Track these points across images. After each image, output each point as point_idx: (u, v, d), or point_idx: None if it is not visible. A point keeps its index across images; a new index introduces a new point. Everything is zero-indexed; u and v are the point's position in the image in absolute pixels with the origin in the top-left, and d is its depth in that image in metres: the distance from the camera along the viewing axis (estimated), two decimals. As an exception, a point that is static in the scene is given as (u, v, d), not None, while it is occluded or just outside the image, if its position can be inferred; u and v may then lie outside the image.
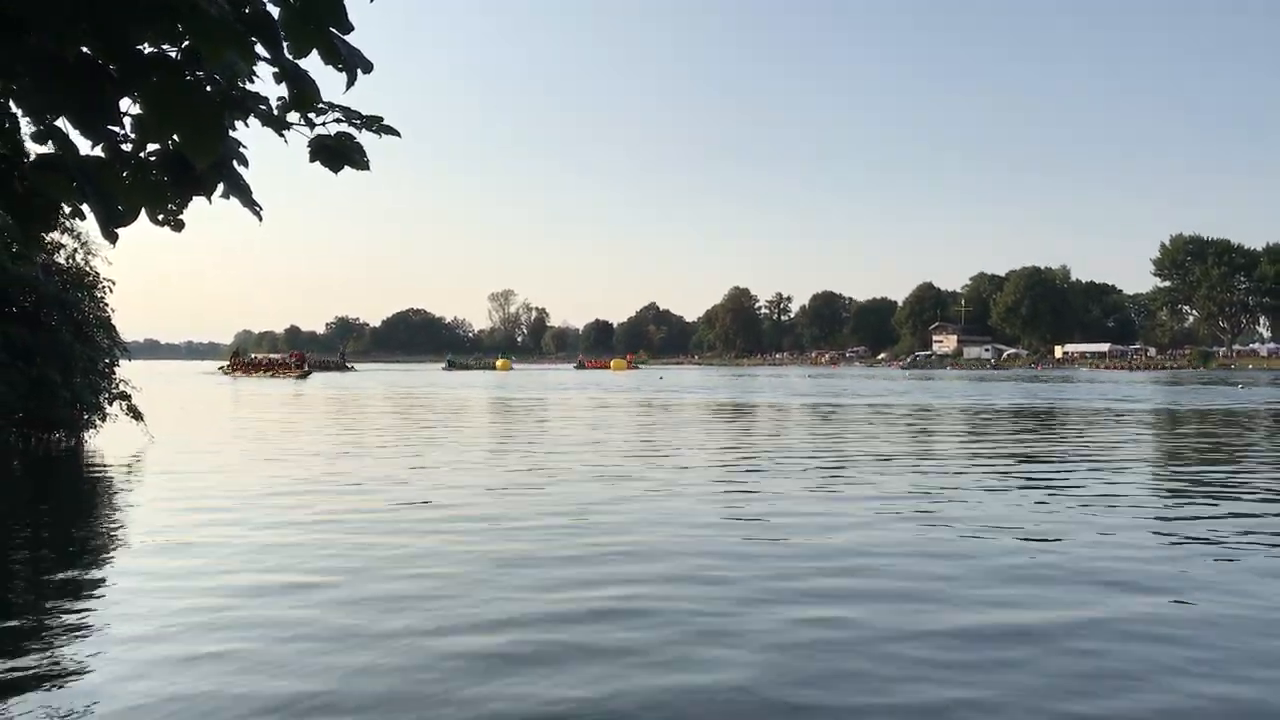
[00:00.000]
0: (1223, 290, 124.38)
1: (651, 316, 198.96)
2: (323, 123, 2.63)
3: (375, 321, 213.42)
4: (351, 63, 2.41)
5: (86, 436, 14.84)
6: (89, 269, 14.72)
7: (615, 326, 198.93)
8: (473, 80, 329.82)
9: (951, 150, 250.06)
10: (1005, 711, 3.90)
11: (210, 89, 2.36)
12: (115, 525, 8.46)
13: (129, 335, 18.81)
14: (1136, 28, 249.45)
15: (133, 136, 2.41)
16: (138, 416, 15.02)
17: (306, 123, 2.61)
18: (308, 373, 67.59)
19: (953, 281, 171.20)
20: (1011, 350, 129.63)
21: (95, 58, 2.30)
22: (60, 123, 2.36)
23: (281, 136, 2.60)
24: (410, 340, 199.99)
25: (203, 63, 2.31)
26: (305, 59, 2.39)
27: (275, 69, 2.39)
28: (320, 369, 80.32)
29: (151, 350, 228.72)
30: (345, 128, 2.66)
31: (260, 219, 2.74)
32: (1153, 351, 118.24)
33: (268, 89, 2.53)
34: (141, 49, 2.30)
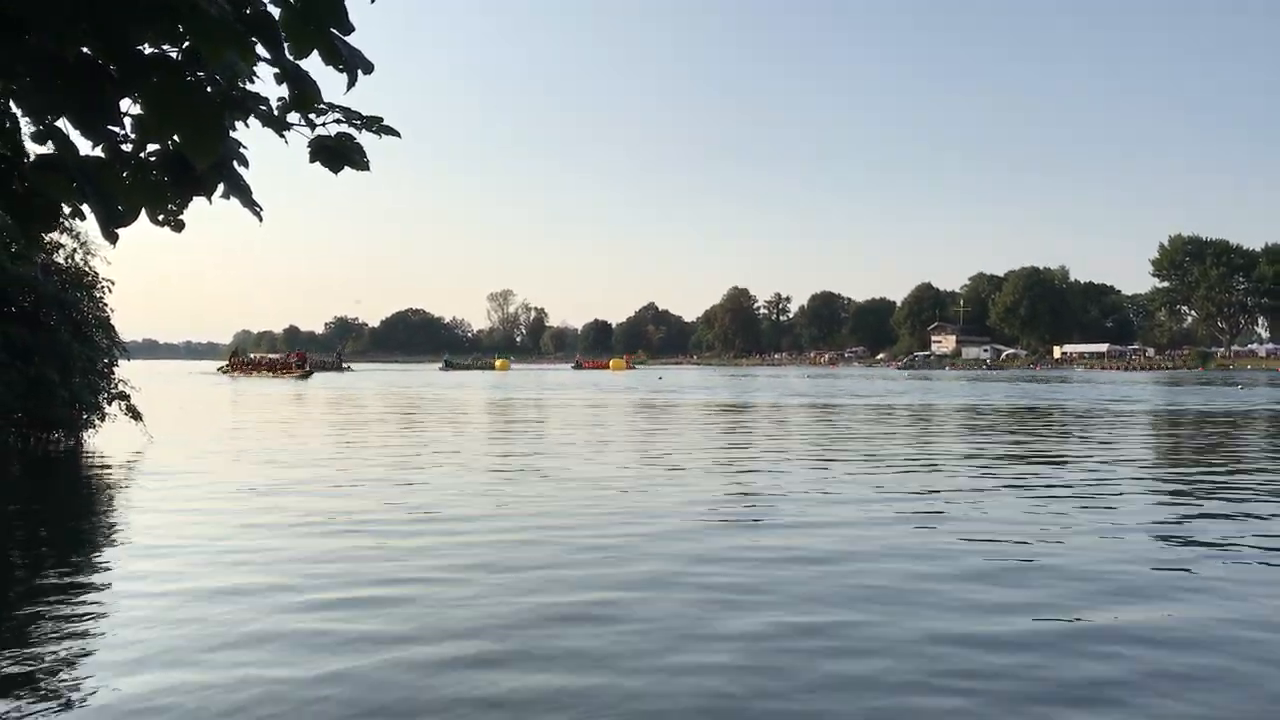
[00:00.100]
0: (1221, 291, 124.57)
1: (650, 316, 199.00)
2: (323, 123, 2.63)
3: (374, 322, 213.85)
4: (352, 63, 2.41)
5: (85, 436, 14.83)
6: (88, 269, 14.72)
7: (614, 327, 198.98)
8: (473, 80, 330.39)
9: (951, 150, 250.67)
10: None
11: (211, 89, 2.36)
12: (114, 525, 8.45)
13: (128, 335, 18.80)
14: (1136, 28, 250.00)
15: (133, 137, 2.41)
16: (137, 416, 15.01)
17: (307, 123, 2.61)
18: (309, 373, 67.07)
19: (952, 282, 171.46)
20: (1010, 350, 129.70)
21: (95, 58, 2.30)
22: (60, 123, 2.36)
23: (282, 137, 2.60)
24: (409, 340, 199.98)
25: (203, 63, 2.31)
26: (306, 59, 2.39)
27: (276, 70, 2.39)
28: (317, 369, 79.98)
29: (150, 350, 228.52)
30: (345, 128, 2.66)
31: (260, 219, 2.74)
32: (1151, 352, 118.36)
33: (268, 89, 2.53)
34: (142, 49, 2.30)
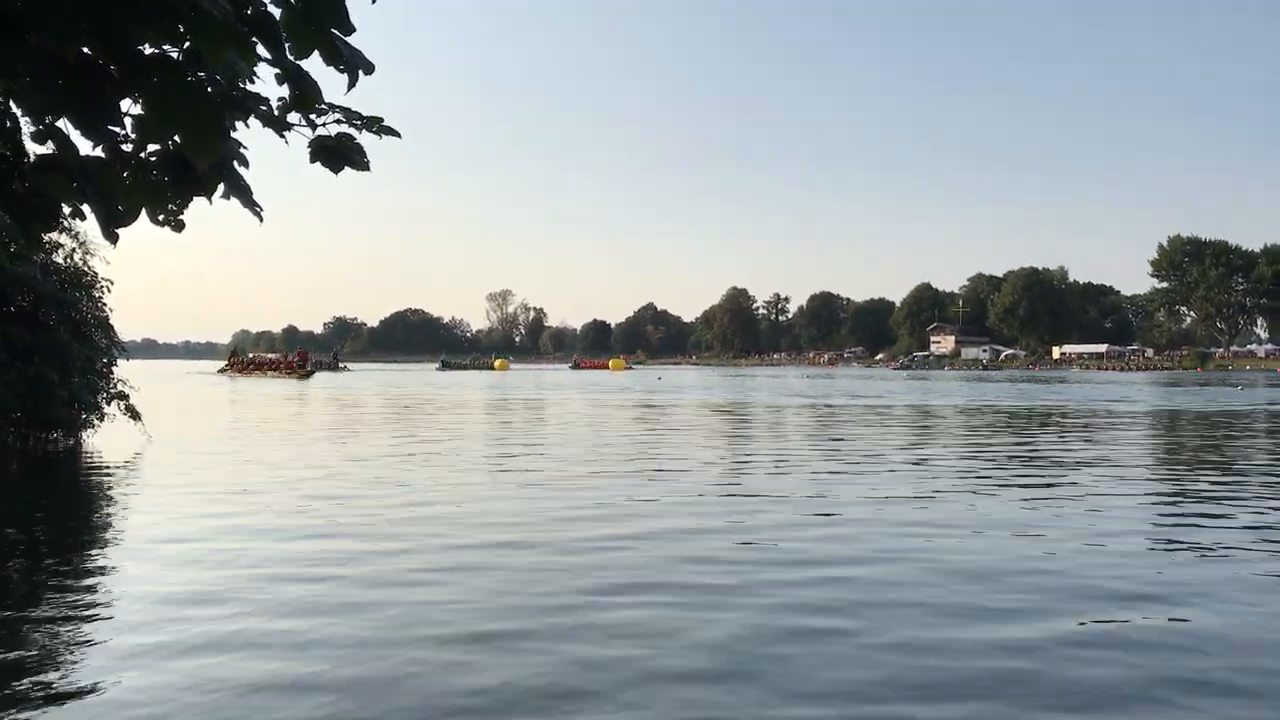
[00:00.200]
0: (1220, 291, 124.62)
1: (649, 317, 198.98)
2: (324, 124, 2.62)
3: (373, 321, 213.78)
4: (353, 64, 2.41)
5: (84, 436, 14.82)
6: (87, 268, 14.72)
7: (613, 327, 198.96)
8: (473, 80, 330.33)
9: (951, 150, 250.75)
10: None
11: (211, 90, 2.36)
12: (113, 525, 8.45)
13: (127, 335, 18.79)
14: (1136, 28, 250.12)
15: (133, 137, 2.41)
16: (136, 416, 15.00)
17: (307, 123, 2.61)
18: (311, 372, 66.82)
19: (951, 282, 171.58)
20: (1009, 351, 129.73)
21: (96, 58, 2.30)
22: (61, 123, 2.36)
23: (282, 137, 2.60)
24: (408, 340, 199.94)
25: (204, 63, 2.31)
26: (306, 60, 2.39)
27: (277, 70, 2.39)
28: (314, 369, 79.70)
29: (149, 350, 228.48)
30: (346, 128, 2.65)
31: (261, 219, 2.73)
32: (1150, 353, 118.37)
33: (269, 90, 2.53)
34: (142, 49, 2.29)
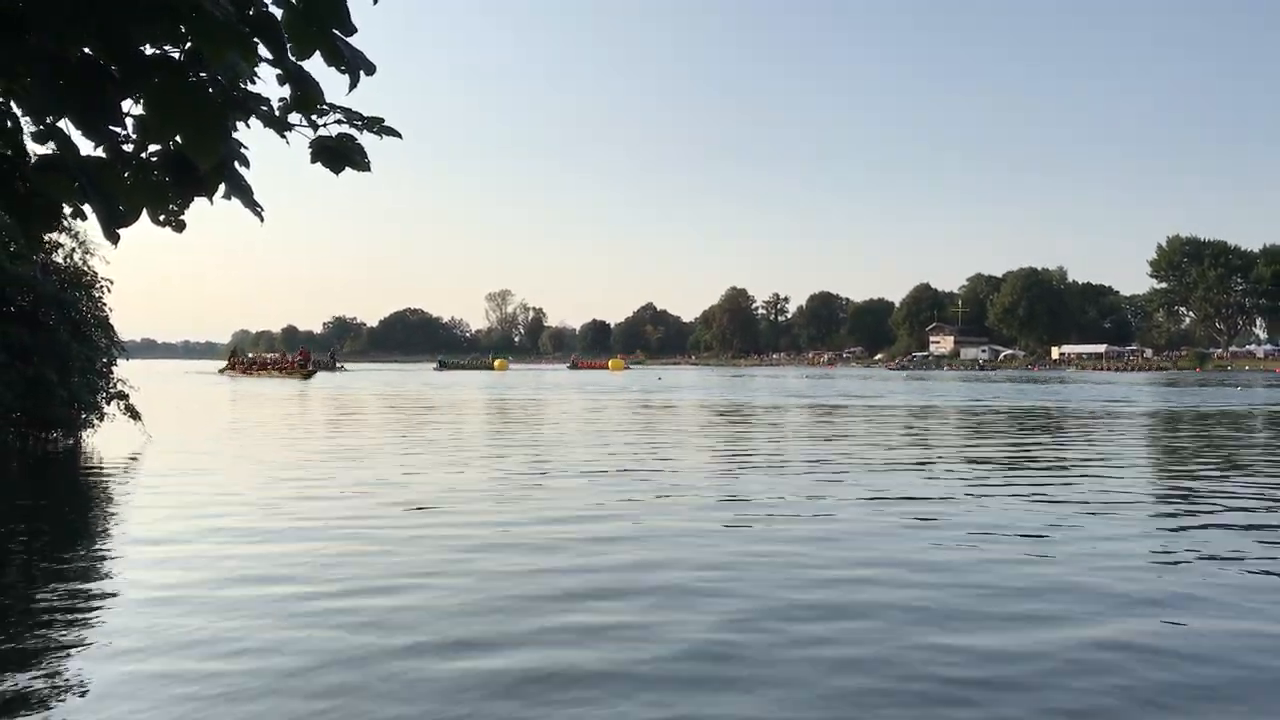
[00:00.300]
0: (1219, 292, 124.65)
1: (649, 317, 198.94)
2: (324, 124, 2.62)
3: (373, 321, 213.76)
4: (354, 64, 2.41)
5: (84, 436, 14.82)
6: (87, 268, 14.71)
7: (612, 327, 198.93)
8: (473, 80, 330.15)
9: (951, 150, 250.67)
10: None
11: (212, 90, 2.36)
12: (112, 525, 8.44)
13: (127, 335, 18.77)
14: (1136, 28, 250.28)
15: (134, 137, 2.41)
16: (135, 416, 15.00)
17: (309, 124, 2.61)
18: (312, 372, 66.50)
19: (950, 282, 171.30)
20: (1008, 351, 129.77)
21: (97, 58, 2.30)
22: (62, 123, 2.36)
23: (283, 138, 2.60)
24: (407, 340, 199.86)
25: (205, 64, 2.31)
26: (308, 60, 2.39)
27: (278, 70, 2.39)
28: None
29: (149, 350, 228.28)
30: (347, 129, 2.65)
31: (262, 220, 2.73)
32: (1149, 353, 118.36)
33: (270, 90, 2.53)
34: (144, 50, 2.29)
